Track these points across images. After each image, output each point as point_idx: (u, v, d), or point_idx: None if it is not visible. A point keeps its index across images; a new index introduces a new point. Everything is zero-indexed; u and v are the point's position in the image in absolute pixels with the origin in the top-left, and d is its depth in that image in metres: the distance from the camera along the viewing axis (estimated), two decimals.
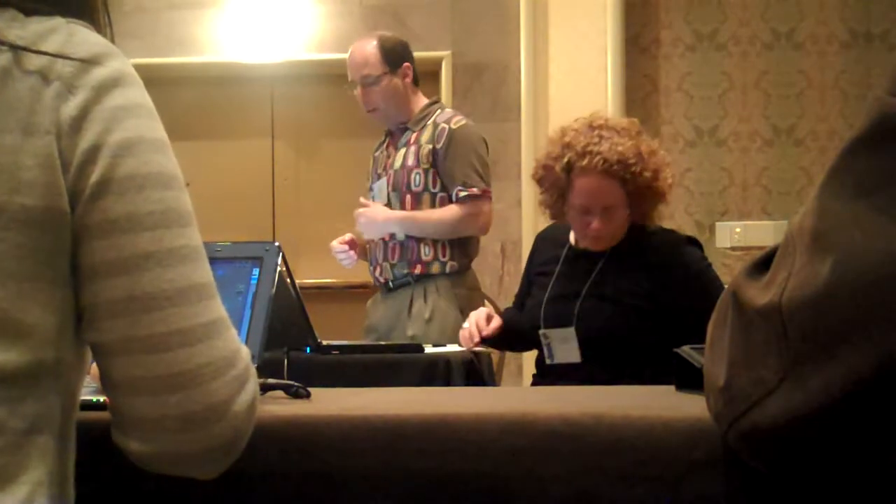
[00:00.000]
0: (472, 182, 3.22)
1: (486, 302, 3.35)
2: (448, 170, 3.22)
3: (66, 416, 0.90)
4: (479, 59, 5.16)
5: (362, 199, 3.32)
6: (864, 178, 0.77)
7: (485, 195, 3.25)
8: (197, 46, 5.19)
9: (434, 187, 3.24)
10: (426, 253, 3.23)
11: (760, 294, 0.83)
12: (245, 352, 0.93)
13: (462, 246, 3.28)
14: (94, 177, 0.85)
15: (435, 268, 3.24)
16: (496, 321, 2.58)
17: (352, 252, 3.30)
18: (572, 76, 4.98)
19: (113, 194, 0.86)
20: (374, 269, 3.34)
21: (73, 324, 0.89)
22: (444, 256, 3.24)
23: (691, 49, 5.21)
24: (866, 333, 0.75)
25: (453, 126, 3.25)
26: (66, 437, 0.90)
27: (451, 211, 3.23)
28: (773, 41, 5.19)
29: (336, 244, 3.31)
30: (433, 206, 3.24)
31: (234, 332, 0.92)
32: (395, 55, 3.31)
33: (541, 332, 2.52)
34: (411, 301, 3.24)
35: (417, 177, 3.24)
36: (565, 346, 2.47)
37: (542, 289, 2.62)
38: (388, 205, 3.27)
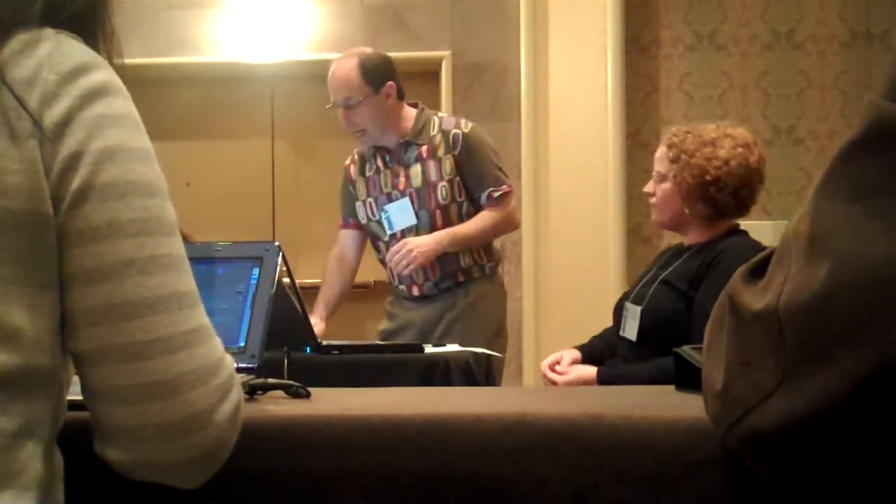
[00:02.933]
0: (501, 180, 3.25)
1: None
2: (474, 174, 3.21)
3: (56, 421, 0.90)
4: (479, 59, 5.16)
5: (406, 241, 3.15)
6: (860, 182, 0.77)
7: (511, 191, 3.30)
8: (197, 46, 5.19)
9: (460, 197, 3.21)
10: (465, 261, 3.24)
11: (757, 298, 0.83)
12: (229, 361, 0.92)
13: (489, 245, 3.33)
14: (75, 183, 0.85)
15: (475, 272, 3.27)
16: (564, 364, 2.69)
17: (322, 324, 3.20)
18: (572, 76, 4.98)
19: (94, 201, 0.85)
20: (410, 287, 3.26)
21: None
22: (481, 260, 3.28)
23: (691, 49, 5.21)
24: (864, 337, 0.75)
25: (465, 130, 3.22)
26: (54, 442, 0.90)
27: (487, 217, 3.23)
28: (773, 41, 5.19)
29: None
30: (459, 215, 3.22)
31: (217, 340, 0.91)
32: (376, 75, 3.19)
33: (626, 303, 2.70)
34: (454, 303, 3.24)
35: (444, 189, 3.20)
36: (632, 323, 2.61)
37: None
38: (417, 225, 3.21)
